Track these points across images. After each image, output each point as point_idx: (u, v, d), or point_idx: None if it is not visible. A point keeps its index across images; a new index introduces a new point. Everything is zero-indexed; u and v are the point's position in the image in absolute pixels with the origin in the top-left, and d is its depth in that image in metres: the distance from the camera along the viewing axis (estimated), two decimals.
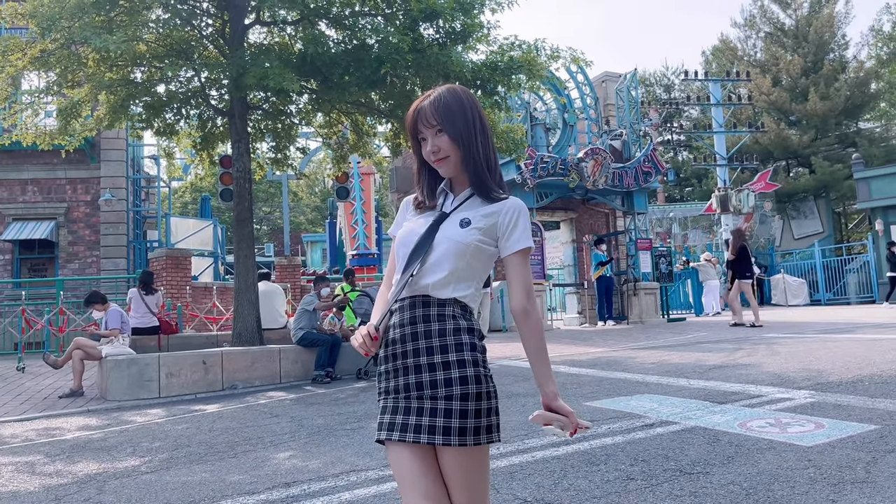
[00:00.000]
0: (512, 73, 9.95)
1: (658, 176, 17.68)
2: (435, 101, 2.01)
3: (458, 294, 1.94)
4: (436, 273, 1.94)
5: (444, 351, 1.87)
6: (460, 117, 2.00)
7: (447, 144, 1.98)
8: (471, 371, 1.85)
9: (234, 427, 6.23)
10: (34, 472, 4.98)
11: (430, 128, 1.99)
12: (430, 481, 1.84)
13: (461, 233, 1.95)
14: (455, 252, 1.94)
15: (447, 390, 1.84)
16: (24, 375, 10.11)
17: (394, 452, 1.88)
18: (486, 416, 1.85)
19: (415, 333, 1.91)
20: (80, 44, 8.60)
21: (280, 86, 8.23)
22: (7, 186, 16.86)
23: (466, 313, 1.95)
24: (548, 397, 1.92)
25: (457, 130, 1.98)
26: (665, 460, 4.21)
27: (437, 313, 1.92)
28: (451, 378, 1.84)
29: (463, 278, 1.95)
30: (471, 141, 2.00)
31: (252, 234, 10.50)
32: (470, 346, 1.89)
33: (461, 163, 2.01)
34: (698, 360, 8.62)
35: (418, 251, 1.96)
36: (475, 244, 1.94)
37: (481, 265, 1.98)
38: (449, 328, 1.90)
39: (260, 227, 43.33)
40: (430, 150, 2.00)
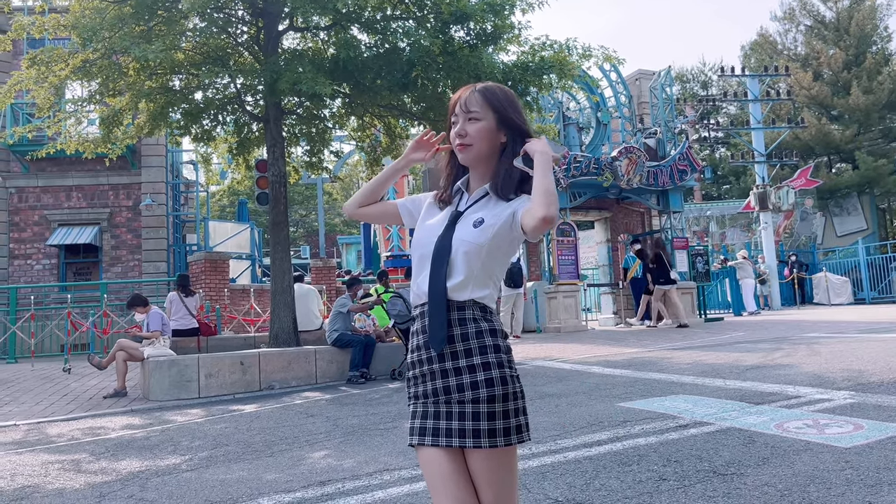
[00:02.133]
0: (543, 73, 9.94)
1: (694, 174, 17.42)
2: (484, 89, 2.05)
3: (476, 295, 1.94)
4: (453, 277, 1.94)
5: (468, 354, 1.90)
6: (506, 107, 2.03)
7: (476, 132, 2.00)
8: (496, 373, 1.87)
9: (270, 426, 6.35)
10: (79, 470, 5.14)
11: (466, 113, 2.02)
12: (460, 485, 1.86)
13: (474, 234, 1.95)
14: (469, 254, 1.94)
15: (473, 393, 1.86)
16: (70, 376, 10.42)
17: (425, 456, 1.90)
18: (514, 416, 1.87)
19: (451, 336, 1.92)
20: (121, 54, 8.84)
21: (313, 90, 8.35)
22: (53, 193, 17.38)
23: (487, 314, 1.96)
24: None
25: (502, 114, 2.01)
26: (698, 461, 4.18)
27: (458, 317, 1.93)
28: (476, 381, 1.87)
29: (480, 279, 1.95)
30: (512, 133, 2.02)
31: (287, 237, 10.66)
32: (493, 347, 1.90)
33: (484, 155, 2.03)
34: (735, 361, 8.50)
35: (436, 256, 1.97)
36: (489, 244, 1.94)
37: (498, 263, 1.99)
38: (471, 331, 1.91)
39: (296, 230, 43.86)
40: (457, 132, 2.02)
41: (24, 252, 17.17)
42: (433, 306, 1.93)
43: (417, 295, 2.00)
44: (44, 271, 17.13)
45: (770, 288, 21.51)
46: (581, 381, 7.65)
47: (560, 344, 12.30)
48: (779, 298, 21.64)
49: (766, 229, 22.00)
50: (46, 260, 17.22)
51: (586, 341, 12.67)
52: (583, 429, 5.27)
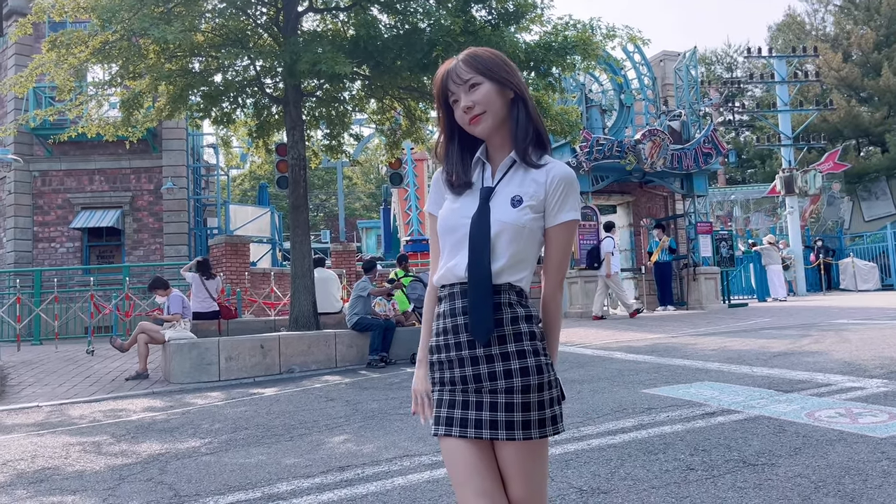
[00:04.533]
0: (566, 53, 9.73)
1: (719, 157, 17.10)
2: (468, 56, 1.87)
3: (513, 279, 1.81)
4: (495, 261, 1.79)
5: (501, 341, 1.77)
6: (499, 66, 1.85)
7: (483, 97, 1.82)
8: (531, 362, 1.76)
9: (290, 410, 6.32)
10: (100, 452, 5.14)
11: (463, 84, 1.83)
12: (487, 478, 1.76)
13: (514, 214, 1.80)
14: (512, 236, 1.80)
15: (508, 382, 1.75)
16: (93, 358, 10.50)
17: (449, 447, 1.79)
18: (549, 406, 1.77)
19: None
20: (140, 35, 8.79)
21: (332, 70, 8.24)
22: (76, 176, 17.50)
23: (523, 299, 1.83)
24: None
25: (498, 77, 1.83)
26: (727, 450, 4.06)
27: (494, 302, 1.80)
28: (511, 370, 1.75)
29: (519, 263, 1.82)
30: (516, 89, 1.86)
31: (307, 220, 10.62)
32: (529, 335, 1.79)
33: (500, 119, 1.85)
34: (762, 347, 8.33)
35: (474, 239, 1.79)
36: (530, 225, 1.80)
37: (537, 243, 1.86)
38: (506, 317, 1.79)
39: (316, 214, 43.97)
40: (464, 107, 1.83)
41: (49, 235, 17.33)
42: (477, 294, 1.77)
43: (446, 276, 1.85)
44: (67, 254, 17.29)
45: (794, 273, 21.14)
46: (604, 367, 7.53)
47: (582, 329, 12.17)
48: (804, 284, 21.28)
49: (791, 214, 21.59)
50: (70, 243, 17.37)
51: (608, 326, 12.52)
52: (606, 416, 5.16)
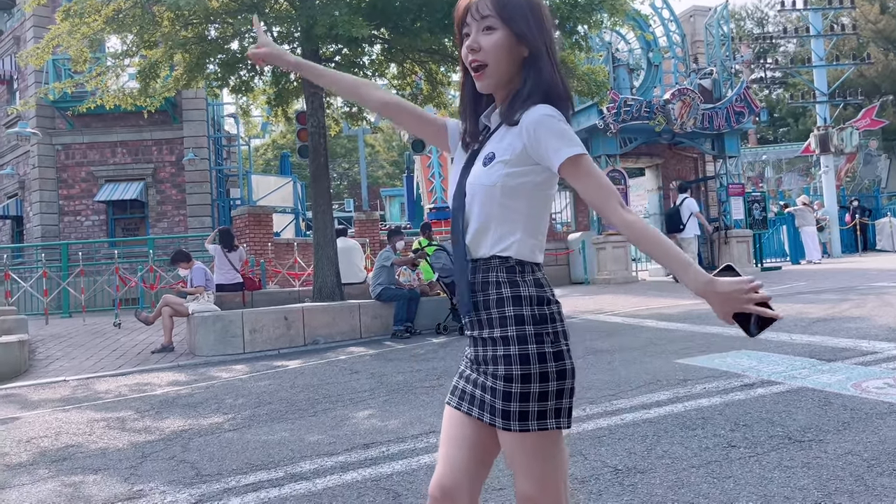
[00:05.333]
0: (593, 9, 9.34)
1: (751, 116, 16.55)
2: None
3: (498, 249, 1.62)
4: (469, 230, 1.66)
5: (490, 325, 1.64)
6: (523, 16, 1.62)
7: (492, 46, 1.62)
8: (514, 350, 1.58)
9: (314, 384, 6.21)
10: (124, 429, 5.08)
11: (480, 20, 1.63)
12: (465, 453, 1.71)
13: (483, 173, 1.63)
14: (482, 199, 1.63)
15: (494, 368, 1.62)
16: (120, 331, 10.53)
17: (445, 414, 1.79)
18: (536, 400, 1.57)
19: (475, 302, 1.67)
20: (153, 3, 8.58)
21: (349, 33, 7.98)
22: (98, 149, 17.49)
23: (515, 274, 1.62)
24: (700, 290, 1.49)
25: (517, 27, 1.61)
26: (770, 425, 3.85)
27: (481, 280, 1.65)
28: (496, 356, 1.62)
29: (500, 228, 1.63)
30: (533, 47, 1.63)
31: (328, 189, 10.45)
32: (514, 318, 1.60)
33: (504, 79, 1.65)
34: (799, 313, 8.04)
35: (454, 208, 1.69)
36: (502, 183, 1.60)
37: (526, 203, 1.63)
38: (492, 298, 1.63)
39: (340, 183, 43.88)
40: (468, 46, 1.64)
41: (74, 209, 17.40)
42: (457, 268, 1.68)
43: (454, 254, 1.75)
44: (93, 227, 17.37)
45: (829, 235, 20.57)
46: (634, 336, 7.32)
47: (610, 296, 11.93)
48: (839, 245, 20.71)
49: (826, 173, 20.94)
50: (95, 216, 17.44)
51: (637, 293, 12.27)
52: (640, 388, 4.97)
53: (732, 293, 1.46)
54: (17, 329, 9.21)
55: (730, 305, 1.47)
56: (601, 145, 15.28)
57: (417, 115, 1.92)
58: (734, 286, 1.46)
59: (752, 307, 1.46)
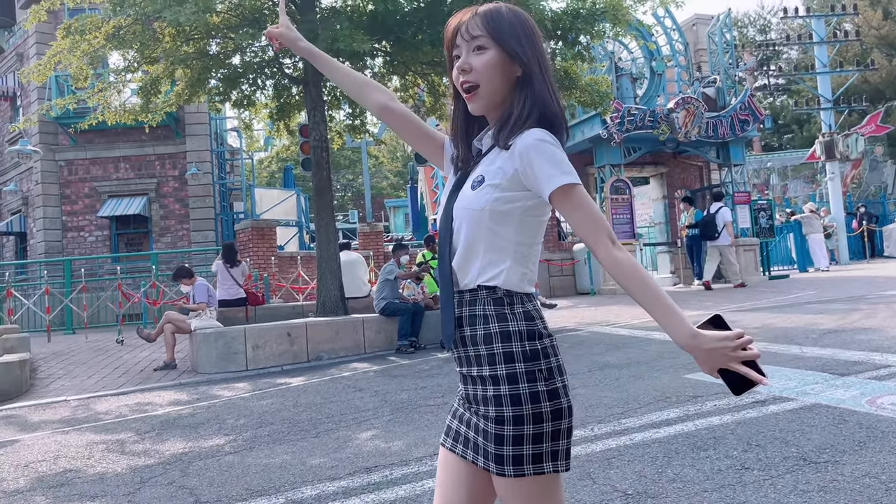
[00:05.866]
0: (595, 20, 9.28)
1: (756, 124, 16.45)
2: (486, 12, 1.59)
3: (485, 278, 1.54)
4: (456, 256, 1.58)
5: (478, 363, 1.54)
6: (515, 35, 1.57)
7: (483, 66, 1.55)
8: (505, 390, 1.49)
9: (317, 402, 6.12)
10: (123, 452, 4.99)
11: (470, 41, 1.58)
12: (462, 497, 1.63)
13: (472, 197, 1.55)
14: (469, 223, 1.54)
15: (485, 409, 1.52)
16: (122, 348, 10.46)
17: (441, 455, 1.69)
18: (530, 442, 1.47)
19: (462, 338, 1.58)
20: (154, 19, 8.55)
21: (350, 47, 7.94)
22: (101, 165, 17.49)
23: (503, 307, 1.53)
24: (683, 344, 1.42)
25: (509, 46, 1.56)
26: (784, 445, 3.74)
27: (468, 314, 1.56)
28: (487, 396, 1.52)
29: (488, 255, 1.54)
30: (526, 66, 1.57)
31: (331, 203, 10.38)
32: (504, 356, 1.50)
33: (497, 100, 1.58)
34: (809, 324, 7.92)
35: (441, 233, 1.61)
36: (490, 207, 1.52)
37: (515, 229, 1.54)
38: (479, 335, 1.54)
39: (344, 194, 43.87)
40: (459, 66, 1.58)
41: (77, 224, 17.39)
42: (442, 296, 1.59)
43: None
44: (97, 243, 17.34)
45: (837, 242, 20.42)
46: (642, 349, 7.21)
47: (616, 307, 11.81)
48: (847, 253, 20.55)
49: (832, 180, 20.82)
50: (99, 231, 17.42)
51: None
52: (649, 405, 4.86)
53: (718, 349, 1.38)
54: (19, 348, 9.15)
55: (715, 361, 1.39)
56: (605, 155, 15.20)
57: (417, 126, 1.84)
58: (720, 342, 1.38)
59: (738, 366, 1.38)
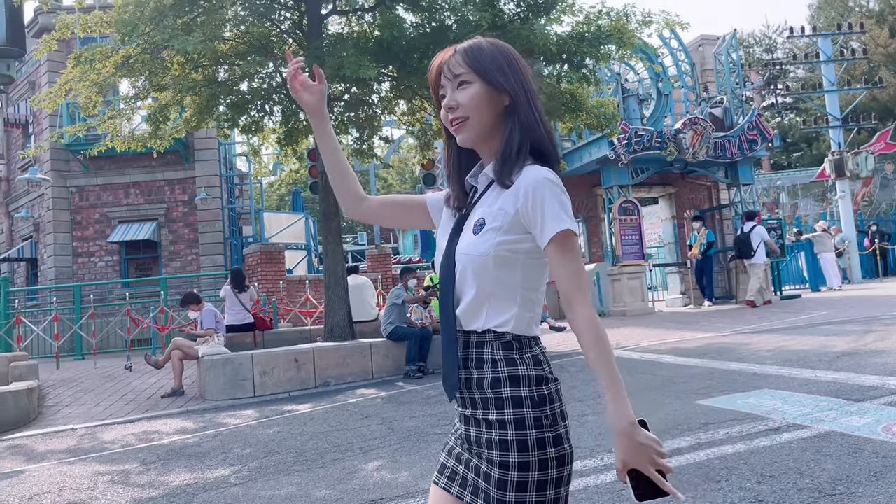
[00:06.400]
0: (600, 43, 9.31)
1: (764, 143, 16.40)
2: (467, 48, 1.59)
3: (494, 323, 1.52)
4: (461, 301, 1.55)
5: (484, 405, 1.52)
6: (498, 66, 1.57)
7: (469, 100, 1.55)
8: (512, 435, 1.46)
9: (324, 431, 6.06)
10: (128, 483, 4.95)
11: (453, 79, 1.57)
12: None
13: (474, 242, 1.53)
14: (474, 270, 1.52)
15: (489, 453, 1.49)
16: (131, 374, 10.44)
17: (433, 493, 1.65)
18: (534, 490, 1.44)
19: (467, 379, 1.55)
20: (162, 48, 8.64)
21: (356, 74, 7.98)
22: (112, 190, 17.62)
23: (512, 351, 1.51)
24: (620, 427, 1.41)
25: (493, 78, 1.55)
26: (798, 476, 3.65)
27: (475, 357, 1.54)
28: (491, 440, 1.49)
29: (497, 301, 1.52)
30: (514, 95, 1.56)
31: (339, 228, 10.39)
32: (512, 401, 1.48)
33: (486, 129, 1.56)
34: (823, 346, 7.80)
35: (443, 277, 1.59)
36: (495, 253, 1.50)
37: (521, 275, 1.52)
38: (487, 378, 1.51)
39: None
40: (446, 105, 1.57)
41: (88, 250, 17.48)
42: (444, 344, 1.56)
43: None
44: (107, 268, 17.42)
45: (849, 261, 20.23)
46: (652, 374, 7.12)
47: (626, 329, 11.71)
48: (859, 271, 20.35)
49: (843, 198, 20.68)
50: (109, 257, 17.51)
51: (654, 325, 12.04)
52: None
53: (647, 446, 1.39)
54: (28, 375, 9.14)
55: (638, 458, 1.39)
56: (613, 176, 15.17)
57: (401, 202, 1.87)
58: (651, 441, 1.40)
59: (653, 472, 1.39)
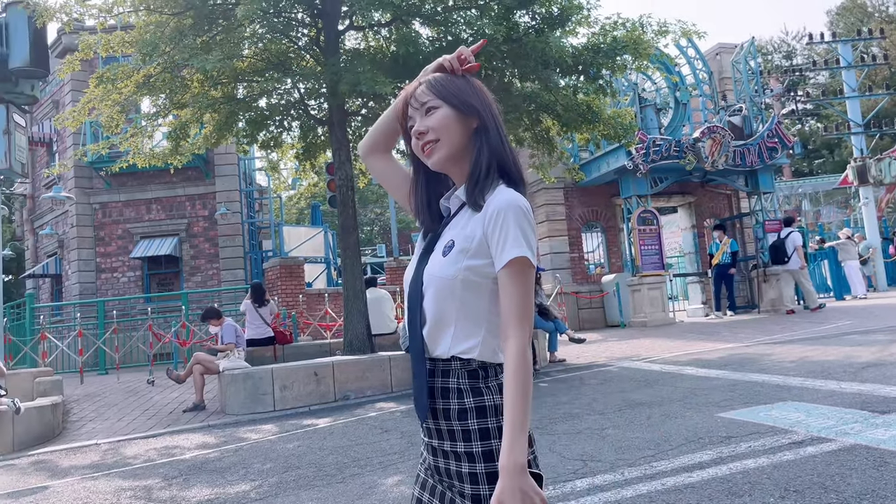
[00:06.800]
0: (616, 54, 9.30)
1: (785, 151, 16.25)
2: (431, 79, 1.61)
3: (459, 349, 1.50)
4: (427, 325, 1.53)
5: (452, 437, 1.50)
6: (462, 91, 1.58)
7: (437, 122, 1.56)
8: (480, 468, 1.46)
9: (343, 445, 6.07)
10: (150, 499, 4.99)
11: (420, 107, 1.59)
12: None
13: (442, 263, 1.52)
14: (440, 291, 1.51)
15: (460, 486, 1.49)
16: (153, 389, 10.53)
17: None
18: None
19: (434, 410, 1.53)
20: (182, 66, 8.77)
21: (373, 90, 8.04)
22: (134, 207, 17.87)
23: (478, 380, 1.50)
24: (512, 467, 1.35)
25: (458, 102, 1.56)
26: (823, 491, 3.59)
27: (440, 387, 1.52)
28: (462, 472, 1.48)
29: (462, 326, 1.50)
30: (481, 117, 1.57)
31: (357, 242, 10.43)
32: (480, 433, 1.47)
33: (457, 149, 1.56)
34: (847, 357, 7.69)
35: (410, 300, 1.58)
36: (462, 276, 1.49)
37: (489, 299, 1.50)
38: (453, 409, 1.50)
39: (371, 228, 44.15)
40: (416, 131, 1.58)
41: (111, 265, 17.71)
42: (414, 365, 1.54)
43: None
44: (129, 283, 17.63)
45: (874, 268, 19.93)
46: (674, 386, 7.05)
47: (647, 340, 11.62)
48: (885, 279, 20.03)
49: (866, 205, 20.39)
50: (131, 272, 17.72)
51: (675, 336, 11.93)
52: (681, 447, 4.72)
53: (527, 495, 1.35)
54: (52, 391, 9.26)
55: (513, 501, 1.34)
56: (631, 186, 15.11)
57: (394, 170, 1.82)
58: (535, 493, 1.36)
59: None
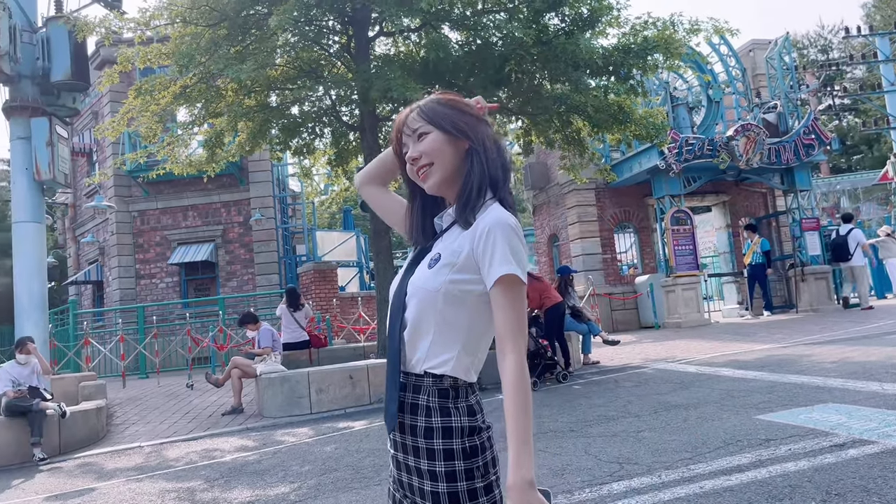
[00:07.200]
0: (647, 54, 9.25)
1: (822, 147, 15.95)
2: (422, 105, 1.65)
3: (432, 363, 1.52)
4: (406, 330, 1.56)
5: (416, 454, 1.52)
6: (451, 115, 1.61)
7: (429, 146, 1.59)
8: (443, 487, 1.48)
9: (379, 448, 6.14)
10: (193, 500, 5.11)
11: (412, 134, 1.63)
12: None
13: (427, 275, 1.54)
14: (422, 303, 1.53)
15: (422, 502, 1.52)
16: (192, 392, 10.75)
17: None
18: None
19: (402, 424, 1.55)
20: (217, 77, 8.96)
21: (403, 95, 8.11)
22: (171, 214, 18.24)
23: (447, 400, 1.51)
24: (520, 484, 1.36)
25: (447, 125, 1.59)
26: (865, 494, 3.55)
27: (411, 402, 1.54)
28: (424, 490, 1.51)
29: (439, 340, 1.52)
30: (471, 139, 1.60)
31: (389, 245, 10.52)
32: (444, 453, 1.49)
33: (451, 171, 1.60)
34: (889, 357, 7.53)
35: (392, 309, 1.60)
36: (445, 290, 1.50)
37: (468, 316, 1.52)
38: (420, 426, 1.52)
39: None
40: (410, 157, 1.61)
41: (149, 272, 18.10)
42: (389, 372, 1.57)
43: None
44: (167, 289, 18.00)
45: None
46: (710, 388, 6.98)
47: (682, 341, 11.50)
48: None
49: None
50: (169, 278, 18.09)
51: (710, 337, 11.79)
52: (718, 449, 4.69)
53: None
54: (97, 395, 9.51)
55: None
56: (664, 186, 14.97)
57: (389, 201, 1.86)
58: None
59: None
